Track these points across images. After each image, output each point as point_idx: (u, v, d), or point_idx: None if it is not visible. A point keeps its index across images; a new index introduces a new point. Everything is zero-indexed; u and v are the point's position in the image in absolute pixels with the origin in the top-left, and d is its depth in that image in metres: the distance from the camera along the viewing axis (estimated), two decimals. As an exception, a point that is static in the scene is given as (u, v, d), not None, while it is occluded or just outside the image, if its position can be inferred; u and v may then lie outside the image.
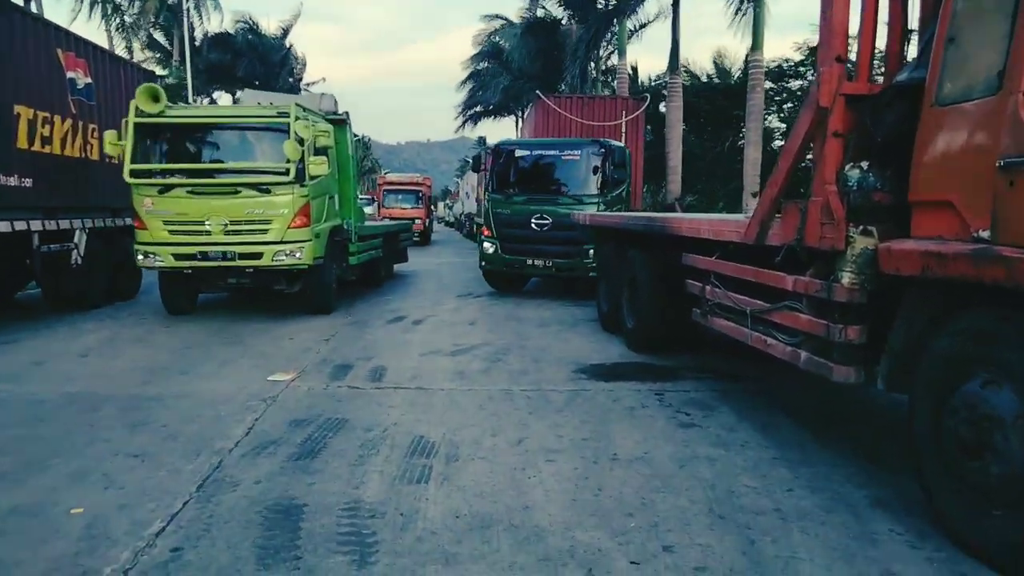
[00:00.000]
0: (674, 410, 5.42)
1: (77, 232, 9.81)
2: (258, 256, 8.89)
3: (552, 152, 12.36)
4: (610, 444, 4.61)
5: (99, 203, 10.47)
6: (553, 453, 4.42)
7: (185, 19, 26.39)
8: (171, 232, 8.82)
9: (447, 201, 72.57)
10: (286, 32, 36.36)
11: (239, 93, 13.85)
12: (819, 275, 4.12)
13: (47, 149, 9.37)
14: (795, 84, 24.13)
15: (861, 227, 3.83)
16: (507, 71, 32.91)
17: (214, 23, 34.90)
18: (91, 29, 48.55)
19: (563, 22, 28.31)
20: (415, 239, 27.93)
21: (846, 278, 3.82)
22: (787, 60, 23.96)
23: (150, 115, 8.82)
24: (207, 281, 9.70)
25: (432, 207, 36.61)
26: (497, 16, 32.82)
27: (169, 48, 33.27)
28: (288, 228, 8.91)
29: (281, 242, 8.91)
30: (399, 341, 8.20)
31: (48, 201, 9.26)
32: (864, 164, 3.96)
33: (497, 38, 34.07)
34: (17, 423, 4.96)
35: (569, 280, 12.28)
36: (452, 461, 4.27)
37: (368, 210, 34.75)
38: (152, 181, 8.91)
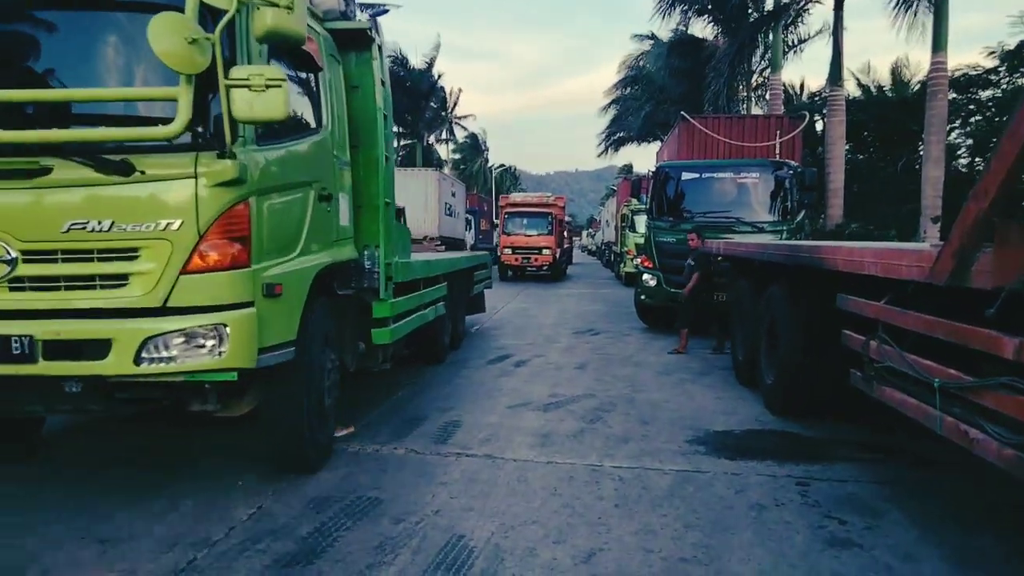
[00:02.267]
0: (822, 513, 3.88)
1: None
2: (100, 349, 3.37)
3: (725, 174, 10.93)
4: (722, 571, 3.21)
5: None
6: (633, 583, 3.09)
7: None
8: None
9: (590, 230, 72.16)
10: (430, 64, 37.23)
11: None
12: (1065, 339, 2.56)
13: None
14: (986, 94, 20.95)
15: None
16: (650, 95, 31.51)
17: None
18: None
19: (714, 39, 26.54)
20: (545, 271, 24.39)
21: (1123, 348, 2.26)
22: (976, 67, 20.86)
23: None
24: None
25: (566, 234, 31.23)
26: (647, 36, 31.56)
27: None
28: (182, 272, 3.47)
29: (163, 310, 3.46)
30: (490, 388, 7.07)
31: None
32: None
33: (642, 62, 32.84)
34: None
35: None
36: (486, 585, 3.06)
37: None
38: None
